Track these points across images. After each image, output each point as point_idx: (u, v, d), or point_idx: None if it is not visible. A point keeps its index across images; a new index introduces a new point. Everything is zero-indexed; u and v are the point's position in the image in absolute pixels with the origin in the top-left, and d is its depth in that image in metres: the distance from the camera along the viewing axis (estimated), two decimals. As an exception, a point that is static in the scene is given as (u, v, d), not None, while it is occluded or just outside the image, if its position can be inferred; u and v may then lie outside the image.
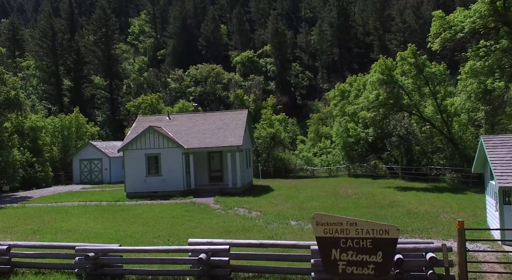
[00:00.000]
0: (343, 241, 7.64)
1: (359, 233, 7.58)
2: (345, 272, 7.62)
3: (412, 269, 8.30)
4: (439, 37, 21.78)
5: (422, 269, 8.27)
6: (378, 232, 7.49)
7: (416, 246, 8.27)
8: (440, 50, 22.78)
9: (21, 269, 10.56)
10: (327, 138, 50.63)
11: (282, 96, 64.77)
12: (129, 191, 25.30)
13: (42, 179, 34.96)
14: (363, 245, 7.55)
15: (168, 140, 25.13)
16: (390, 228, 7.45)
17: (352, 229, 7.62)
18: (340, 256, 7.65)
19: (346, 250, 7.61)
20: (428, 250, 8.11)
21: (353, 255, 7.59)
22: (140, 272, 9.69)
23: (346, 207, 19.17)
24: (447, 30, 21.19)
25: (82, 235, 14.75)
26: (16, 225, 17.14)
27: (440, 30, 21.90)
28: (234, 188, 24.76)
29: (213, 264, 9.13)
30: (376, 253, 7.47)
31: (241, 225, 15.71)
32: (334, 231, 7.67)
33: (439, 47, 21.86)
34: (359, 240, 7.57)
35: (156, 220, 17.43)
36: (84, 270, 9.63)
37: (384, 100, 26.87)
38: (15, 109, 28.55)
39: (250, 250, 9.59)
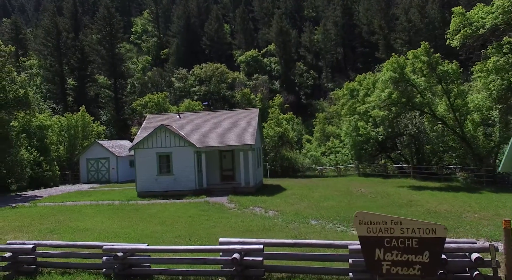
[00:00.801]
0: (388, 240, 7.40)
1: (404, 232, 7.34)
2: (390, 273, 7.38)
3: (455, 270, 8.05)
4: (458, 33, 21.50)
5: (465, 270, 8.02)
6: (425, 231, 7.25)
7: (459, 246, 8.02)
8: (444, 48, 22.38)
9: (46, 269, 10.33)
10: (336, 137, 50.45)
11: (289, 95, 64.50)
12: (140, 190, 25.08)
13: (49, 178, 34.74)
14: (408, 244, 7.31)
15: (179, 138, 24.89)
16: (437, 227, 7.21)
17: (397, 228, 7.38)
18: (384, 256, 7.41)
19: (391, 249, 7.37)
20: (473, 250, 7.87)
21: (398, 255, 7.35)
22: (170, 272, 9.44)
23: (364, 206, 18.92)
24: (467, 26, 20.93)
25: (100, 234, 14.51)
26: (31, 225, 16.91)
27: (459, 27, 21.63)
28: (247, 187, 24.52)
29: (247, 264, 8.89)
30: (423, 253, 7.23)
31: (261, 224, 15.47)
32: (378, 230, 7.44)
33: (459, 43, 21.62)
34: (405, 239, 7.33)
35: (173, 219, 17.20)
36: (113, 270, 9.39)
37: (396, 99, 26.61)
38: (24, 107, 28.30)
39: (283, 249, 9.36)
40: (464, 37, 21.03)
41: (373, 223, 7.48)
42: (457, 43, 21.79)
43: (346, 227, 14.68)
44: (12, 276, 9.79)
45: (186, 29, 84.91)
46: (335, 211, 17.60)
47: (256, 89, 60.49)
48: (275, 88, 71.52)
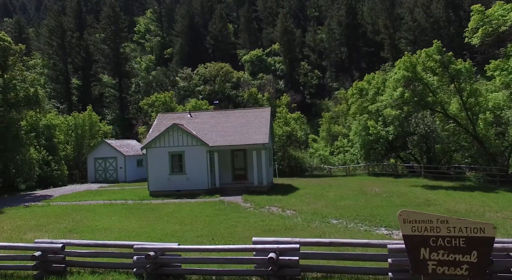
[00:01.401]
0: (433, 239, 7.26)
1: (451, 231, 7.21)
2: (436, 273, 7.24)
3: (498, 270, 7.92)
4: (477, 31, 21.33)
5: (509, 270, 7.89)
6: (472, 231, 7.11)
7: (504, 246, 7.89)
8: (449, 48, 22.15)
9: (74, 268, 10.20)
10: (343, 136, 50.30)
11: (295, 95, 64.36)
12: (152, 189, 24.95)
13: (58, 177, 34.62)
14: (455, 244, 7.17)
15: (192, 137, 24.76)
16: (485, 226, 7.07)
17: (443, 227, 7.25)
18: (430, 255, 7.28)
19: (437, 249, 7.24)
20: (518, 249, 7.73)
21: (444, 254, 7.21)
22: (203, 272, 9.31)
23: (381, 205, 18.80)
24: (486, 24, 20.78)
25: (120, 234, 14.39)
26: (48, 224, 16.79)
27: (478, 25, 21.47)
28: (260, 186, 24.39)
29: (282, 264, 8.76)
30: (471, 253, 7.09)
31: (282, 223, 15.34)
32: (423, 229, 7.30)
33: (479, 41, 21.46)
34: (451, 238, 7.19)
35: (191, 219, 17.07)
36: (145, 270, 9.26)
37: (409, 98, 26.47)
38: (34, 106, 28.17)
39: (318, 249, 9.22)
40: (484, 35, 20.89)
41: (418, 221, 7.35)
42: (477, 41, 21.65)
43: (369, 226, 14.55)
44: (42, 275, 9.67)
45: (190, 28, 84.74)
46: (354, 211, 17.46)
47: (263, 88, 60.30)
48: (279, 88, 71.35)
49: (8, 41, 27.23)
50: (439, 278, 7.27)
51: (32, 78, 28.78)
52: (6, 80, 26.12)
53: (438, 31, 72.28)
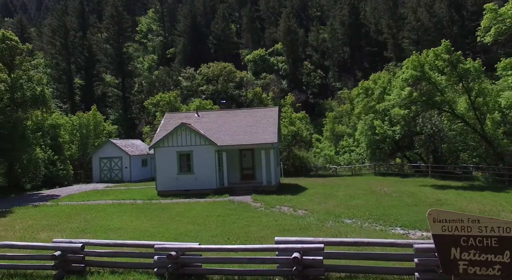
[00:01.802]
0: (464, 239, 7.19)
1: (482, 231, 7.13)
2: (467, 273, 7.16)
3: (528, 270, 7.81)
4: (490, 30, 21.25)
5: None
6: (505, 230, 7.04)
7: (535, 245, 7.77)
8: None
9: (93, 268, 10.12)
10: (349, 136, 50.22)
11: (300, 94, 64.27)
12: (160, 189, 24.86)
13: (63, 177, 34.53)
14: (487, 243, 7.10)
15: (200, 137, 24.67)
16: (518, 226, 7.01)
17: (474, 226, 7.17)
18: (461, 255, 7.20)
19: (468, 249, 7.16)
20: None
21: (475, 254, 7.14)
22: (226, 272, 9.22)
23: (393, 205, 18.72)
24: (499, 23, 20.70)
25: (134, 233, 14.30)
26: (59, 223, 16.71)
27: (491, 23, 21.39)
28: (269, 186, 24.30)
29: (306, 264, 8.67)
30: (503, 253, 7.02)
31: (295, 223, 15.26)
32: (454, 228, 7.23)
33: (492, 40, 21.39)
34: (483, 238, 7.12)
35: (203, 218, 16.98)
36: (167, 269, 9.17)
37: (417, 97, 26.40)
38: (40, 106, 28.08)
39: (342, 248, 9.15)
40: (497, 33, 20.82)
41: (448, 221, 7.28)
42: (490, 39, 21.57)
43: (384, 226, 14.46)
44: (62, 275, 9.59)
45: (192, 28, 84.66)
46: (366, 210, 17.38)
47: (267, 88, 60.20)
48: (282, 87, 71.28)
49: (15, 40, 27.17)
50: (470, 279, 7.19)
51: (39, 77, 28.68)
52: (13, 80, 26.03)
53: (441, 31, 72.19)
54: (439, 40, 71.04)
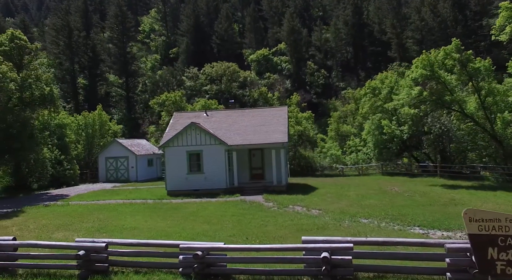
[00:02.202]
0: (502, 239, 7.10)
1: (521, 230, 7.06)
2: (505, 273, 7.07)
3: None
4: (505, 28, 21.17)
5: None
6: (545, 230, 6.96)
7: None
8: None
9: (116, 267, 10.03)
10: (354, 136, 50.13)
11: (305, 94, 64.18)
12: (170, 189, 24.77)
13: (70, 177, 34.46)
14: (526, 244, 7.02)
15: (210, 136, 24.59)
16: (558, 225, 6.92)
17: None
18: (499, 255, 7.11)
19: (506, 249, 7.07)
20: None
21: (514, 254, 7.06)
22: (252, 272, 9.13)
23: (407, 205, 18.63)
24: (514, 21, 20.64)
25: (150, 233, 14.19)
26: (73, 223, 16.61)
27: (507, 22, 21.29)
28: (279, 186, 24.22)
29: (335, 264, 8.59)
30: (543, 253, 6.94)
31: (312, 223, 15.19)
32: (491, 228, 7.15)
33: (508, 38, 21.30)
34: (522, 238, 7.04)
35: (217, 218, 16.90)
36: (193, 269, 9.09)
37: (427, 96, 26.31)
38: (49, 105, 28.00)
39: (371, 248, 9.07)
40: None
41: (485, 220, 7.20)
42: (506, 37, 21.48)
43: (401, 225, 14.37)
44: (86, 275, 9.51)
45: (196, 28, 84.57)
46: (381, 210, 17.30)
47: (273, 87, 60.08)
48: (286, 87, 71.19)
49: (24, 40, 27.09)
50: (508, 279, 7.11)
51: (47, 77, 28.60)
52: (22, 79, 25.94)
53: (445, 30, 72.08)
54: (442, 40, 71.41)
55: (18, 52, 26.63)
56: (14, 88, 23.71)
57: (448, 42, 68.44)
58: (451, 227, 13.52)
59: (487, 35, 77.08)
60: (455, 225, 13.71)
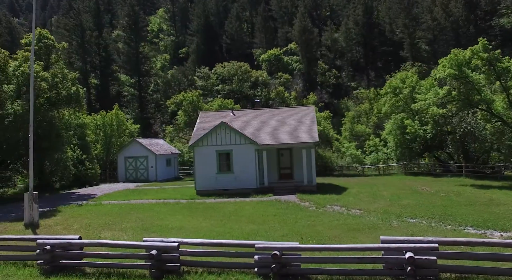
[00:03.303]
0: None
1: None
2: None
3: None
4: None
5: None
6: None
7: None
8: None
9: (186, 267, 9.93)
10: (367, 136, 49.99)
11: (322, 94, 64.03)
12: (199, 188, 24.70)
13: (92, 176, 34.44)
14: None
15: (240, 136, 24.50)
16: None
17: None
18: None
19: None
20: None
21: None
22: (331, 272, 9.02)
23: (446, 205, 18.50)
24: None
25: (199, 233, 14.03)
26: (115, 223, 16.52)
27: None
28: (310, 185, 24.11)
29: (418, 264, 8.47)
30: None
31: (359, 222, 15.10)
32: None
33: None
34: None
35: (260, 218, 16.81)
36: (271, 269, 8.98)
37: (456, 96, 26.17)
38: (74, 105, 27.97)
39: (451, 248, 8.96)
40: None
41: None
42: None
43: (453, 225, 14.26)
44: (160, 275, 9.41)
45: (206, 27, 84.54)
46: (425, 210, 17.19)
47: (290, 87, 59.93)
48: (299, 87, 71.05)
49: (51, 39, 27.06)
50: None
51: (73, 76, 28.55)
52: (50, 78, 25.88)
53: (457, 30, 71.86)
54: (454, 39, 71.08)
55: (45, 51, 26.60)
56: (46, 87, 23.64)
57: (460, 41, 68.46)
58: (507, 228, 13.40)
59: (497, 34, 77.00)
60: (510, 226, 13.59)
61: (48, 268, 10.12)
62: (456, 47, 65.98)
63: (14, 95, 23.28)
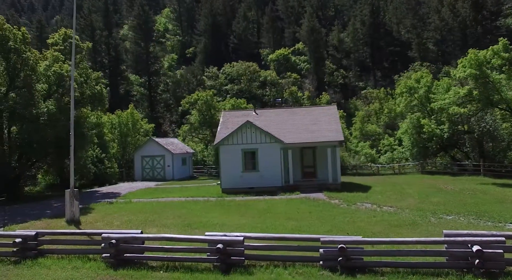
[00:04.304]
0: None
1: None
2: None
3: None
4: None
5: None
6: None
7: None
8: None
9: (250, 261, 10.20)
10: (377, 135, 50.32)
11: (330, 94, 64.36)
12: (224, 187, 24.96)
13: (111, 175, 34.74)
14: None
15: (266, 134, 24.77)
16: None
17: None
18: None
19: None
20: None
21: None
22: (396, 264, 9.31)
23: (477, 202, 18.73)
24: None
25: (244, 229, 14.15)
26: (154, 220, 16.76)
27: None
28: (334, 184, 24.38)
29: (486, 257, 8.75)
30: None
31: (398, 219, 15.38)
32: None
33: None
34: None
35: (296, 215, 17.06)
36: (338, 262, 9.29)
37: (478, 96, 26.48)
38: (98, 104, 28.25)
39: None
40: None
41: None
42: None
43: (492, 222, 14.52)
44: (227, 268, 9.69)
45: (213, 27, 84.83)
46: (458, 207, 17.45)
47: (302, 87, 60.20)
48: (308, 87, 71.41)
49: (77, 39, 27.28)
50: None
51: (97, 75, 28.82)
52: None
53: (465, 30, 72.14)
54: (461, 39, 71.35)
55: (70, 50, 26.81)
56: (76, 86, 23.91)
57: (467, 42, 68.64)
58: (548, 224, 13.68)
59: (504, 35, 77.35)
60: (550, 222, 13.87)
61: (113, 261, 10.40)
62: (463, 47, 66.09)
63: (45, 94, 23.56)
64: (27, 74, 21.55)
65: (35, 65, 22.18)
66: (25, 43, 22.14)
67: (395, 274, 8.97)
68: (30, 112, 21.05)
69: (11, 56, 20.96)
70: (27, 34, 23.12)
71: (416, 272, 8.97)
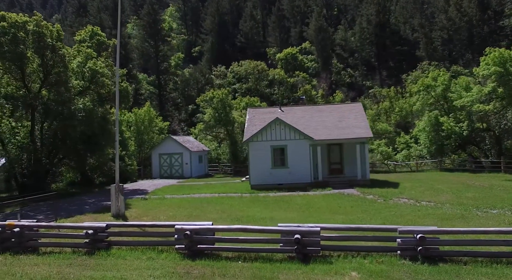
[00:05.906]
0: None
1: None
2: None
3: None
4: None
5: None
6: None
7: None
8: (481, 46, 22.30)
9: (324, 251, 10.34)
10: (387, 134, 50.55)
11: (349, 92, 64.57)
12: (254, 183, 25.11)
13: (131, 172, 34.77)
14: None
15: (295, 131, 24.94)
16: None
17: None
18: None
19: None
20: None
21: None
22: (474, 254, 9.48)
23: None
24: None
25: (295, 223, 14.46)
26: (199, 215, 16.86)
27: None
28: (363, 180, 24.60)
29: None
30: None
31: (444, 213, 15.61)
32: None
33: None
34: None
35: (340, 209, 17.28)
36: (419, 252, 9.44)
37: (503, 93, 26.76)
38: (123, 101, 28.30)
39: None
40: None
41: None
42: None
43: (543, 215, 14.76)
44: (303, 258, 9.83)
45: (220, 26, 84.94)
46: (499, 201, 17.67)
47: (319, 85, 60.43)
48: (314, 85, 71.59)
49: (103, 36, 27.39)
50: None
51: (122, 73, 28.88)
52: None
53: (471, 30, 72.59)
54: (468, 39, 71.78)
55: (96, 48, 26.93)
56: (108, 83, 24.01)
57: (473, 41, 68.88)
58: None
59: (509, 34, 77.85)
60: None
61: (188, 252, 10.52)
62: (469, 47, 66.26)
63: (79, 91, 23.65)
64: (60, 70, 21.62)
65: (68, 62, 22.23)
66: (59, 40, 22.19)
67: (477, 264, 9.14)
68: (68, 109, 21.13)
69: (47, 52, 21.02)
70: (61, 31, 23.17)
71: (499, 262, 9.14)
